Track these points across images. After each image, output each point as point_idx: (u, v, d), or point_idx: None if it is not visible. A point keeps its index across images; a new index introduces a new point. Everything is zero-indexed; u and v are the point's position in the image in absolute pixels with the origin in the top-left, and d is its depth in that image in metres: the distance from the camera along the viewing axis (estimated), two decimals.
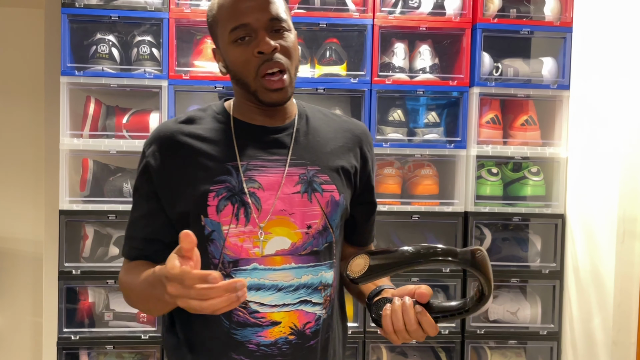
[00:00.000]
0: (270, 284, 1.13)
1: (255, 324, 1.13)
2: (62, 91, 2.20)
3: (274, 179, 1.15)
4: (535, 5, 2.38)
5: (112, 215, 2.19)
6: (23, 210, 3.04)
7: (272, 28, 1.12)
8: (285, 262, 1.14)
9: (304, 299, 1.15)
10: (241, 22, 1.11)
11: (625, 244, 2.02)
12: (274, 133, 1.20)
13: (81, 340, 2.21)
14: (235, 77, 1.17)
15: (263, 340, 1.13)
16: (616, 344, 2.03)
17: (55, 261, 2.28)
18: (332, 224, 1.19)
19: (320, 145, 1.22)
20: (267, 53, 1.10)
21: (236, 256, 1.12)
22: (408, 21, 2.30)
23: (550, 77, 2.36)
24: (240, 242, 1.12)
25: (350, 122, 1.30)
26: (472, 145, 2.29)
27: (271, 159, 1.17)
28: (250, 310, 1.13)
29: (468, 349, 2.32)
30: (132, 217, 1.22)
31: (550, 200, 2.36)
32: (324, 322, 1.18)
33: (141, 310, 1.15)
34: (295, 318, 1.15)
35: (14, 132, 3.06)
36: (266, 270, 1.13)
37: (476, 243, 2.34)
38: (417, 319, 1.04)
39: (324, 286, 1.18)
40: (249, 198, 1.13)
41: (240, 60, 1.13)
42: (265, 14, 1.11)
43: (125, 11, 2.22)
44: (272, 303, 1.13)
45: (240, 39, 1.12)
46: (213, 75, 2.24)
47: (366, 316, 2.28)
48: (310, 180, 1.17)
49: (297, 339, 1.15)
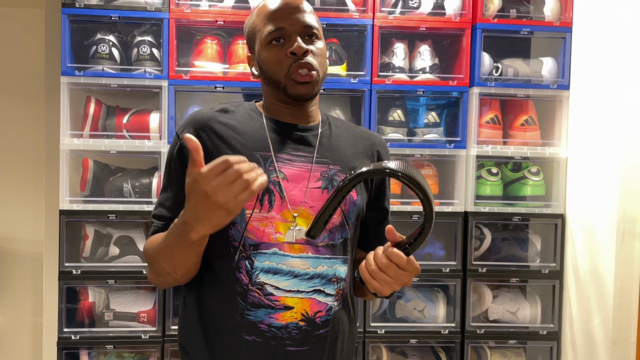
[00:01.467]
0: (287, 270, 1.20)
1: (269, 306, 1.19)
2: (62, 91, 2.20)
3: (298, 173, 1.24)
4: (535, 5, 2.38)
5: (112, 215, 2.19)
6: (23, 210, 3.05)
7: (305, 34, 1.25)
8: (302, 251, 1.21)
9: (317, 288, 1.22)
10: (278, 26, 1.24)
11: (625, 244, 2.02)
12: (301, 131, 1.29)
13: (81, 340, 2.21)
14: (267, 76, 1.27)
15: (275, 322, 1.19)
16: (616, 344, 2.04)
17: (55, 261, 2.28)
18: (349, 221, 1.27)
19: (342, 148, 1.32)
20: (299, 54, 1.22)
21: (258, 240, 1.20)
22: (408, 21, 2.30)
23: (550, 77, 2.36)
24: (262, 227, 1.20)
25: (369, 133, 1.42)
26: (472, 145, 2.29)
27: (297, 154, 1.26)
28: (265, 292, 1.19)
29: (468, 348, 2.32)
30: (162, 197, 1.28)
31: (550, 200, 2.36)
32: (335, 314, 1.24)
33: (167, 270, 1.17)
34: (308, 305, 1.21)
35: (14, 132, 3.06)
36: (285, 256, 1.20)
37: (476, 243, 2.34)
38: (384, 255, 1.09)
39: (337, 279, 1.25)
40: (274, 186, 1.22)
41: (274, 60, 1.24)
42: (299, 22, 1.25)
43: (125, 11, 2.22)
44: (287, 288, 1.20)
45: (276, 40, 1.24)
46: (213, 75, 2.24)
47: (366, 316, 2.29)
48: (331, 178, 1.26)
49: (307, 326, 1.21)
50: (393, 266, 1.08)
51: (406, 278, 1.10)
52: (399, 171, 1.04)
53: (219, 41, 2.33)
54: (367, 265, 1.12)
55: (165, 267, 1.17)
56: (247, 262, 1.19)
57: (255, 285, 1.19)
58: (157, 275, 1.22)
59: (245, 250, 1.19)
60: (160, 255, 1.17)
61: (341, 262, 1.26)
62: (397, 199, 2.30)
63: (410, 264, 1.09)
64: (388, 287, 1.11)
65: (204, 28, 2.33)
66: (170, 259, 1.15)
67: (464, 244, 2.31)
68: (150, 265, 1.24)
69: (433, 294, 2.39)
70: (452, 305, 2.35)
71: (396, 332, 2.31)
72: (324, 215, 1.10)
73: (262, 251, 1.19)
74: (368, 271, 1.11)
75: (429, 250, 2.37)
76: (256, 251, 1.19)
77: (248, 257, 1.19)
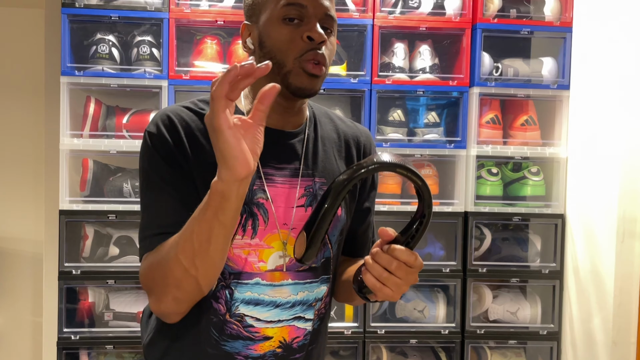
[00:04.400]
0: (269, 300, 1.10)
1: (248, 338, 1.10)
2: (62, 91, 2.20)
3: (282, 190, 1.12)
4: (535, 5, 2.38)
5: (112, 215, 2.19)
6: (23, 210, 3.05)
7: (324, 23, 1.09)
8: (283, 278, 1.11)
9: (298, 315, 1.13)
10: (299, 1, 1.06)
11: (625, 244, 2.02)
12: (287, 138, 1.15)
13: (81, 340, 2.21)
14: (270, 54, 1.08)
15: (253, 353, 1.11)
16: (616, 344, 2.03)
17: (55, 261, 2.28)
18: (332, 239, 1.16)
19: (328, 154, 1.19)
20: (316, 42, 1.06)
21: (239, 269, 1.09)
22: (408, 21, 2.30)
23: (550, 77, 2.36)
24: (244, 255, 1.09)
25: (354, 128, 1.27)
26: (472, 145, 2.29)
27: (282, 167, 1.13)
28: (245, 324, 1.10)
29: (468, 349, 2.32)
30: (151, 213, 1.08)
31: (550, 200, 2.36)
32: (311, 336, 1.16)
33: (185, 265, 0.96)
34: (287, 333, 1.13)
35: (14, 132, 3.06)
36: (267, 286, 1.10)
37: (476, 243, 2.34)
38: (391, 256, 0.97)
39: (317, 301, 1.16)
40: (258, 209, 1.09)
41: (286, 39, 1.06)
42: (323, 7, 1.08)
43: (125, 11, 2.22)
44: (268, 319, 1.11)
45: (290, 19, 1.07)
46: (213, 75, 2.24)
47: (366, 316, 2.28)
48: (315, 193, 1.14)
49: (283, 352, 1.13)
50: (403, 266, 0.97)
51: (413, 276, 0.99)
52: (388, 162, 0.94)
53: (218, 41, 2.33)
54: (371, 271, 0.98)
55: (183, 262, 0.96)
56: (227, 291, 1.09)
57: (234, 317, 1.09)
58: (166, 288, 1.00)
59: (225, 279, 1.08)
60: (176, 250, 0.97)
61: (321, 283, 1.16)
62: (397, 199, 2.30)
63: (418, 260, 0.98)
64: (399, 291, 0.98)
65: (204, 28, 2.33)
66: (190, 244, 0.95)
67: (464, 244, 2.31)
68: (154, 282, 1.02)
69: (433, 294, 2.39)
70: (452, 306, 2.35)
71: (396, 332, 2.30)
72: (315, 238, 0.97)
73: (243, 281, 1.08)
74: (377, 278, 0.97)
75: (429, 250, 2.37)
76: (237, 280, 1.08)
77: (228, 286, 1.08)
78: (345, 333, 2.28)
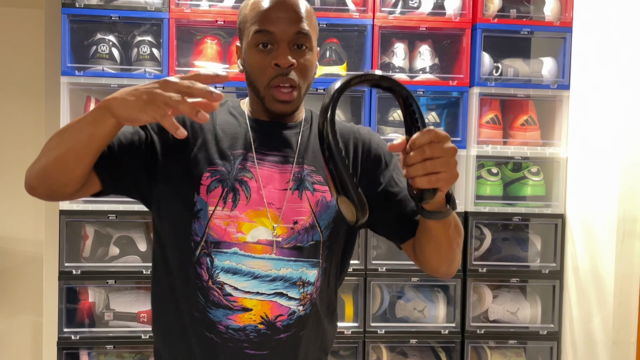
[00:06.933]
0: (247, 270, 1.16)
1: (227, 307, 1.16)
2: (62, 91, 2.20)
3: (268, 173, 1.19)
4: (535, 5, 2.38)
5: (112, 215, 2.19)
6: (23, 210, 3.04)
7: (295, 43, 1.16)
8: (265, 252, 1.17)
9: (279, 291, 1.17)
10: (267, 29, 1.15)
11: (625, 244, 2.02)
12: (282, 129, 1.23)
13: (81, 340, 2.21)
14: (249, 78, 1.21)
15: (232, 324, 1.16)
16: (616, 344, 2.04)
17: (55, 261, 2.28)
18: (321, 223, 1.20)
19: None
20: (284, 67, 1.14)
21: (219, 238, 1.16)
22: (408, 21, 2.30)
23: (550, 77, 2.36)
24: (224, 225, 1.16)
25: (353, 127, 1.31)
26: (472, 145, 2.29)
27: (274, 154, 1.21)
28: (225, 292, 1.16)
29: (468, 349, 2.32)
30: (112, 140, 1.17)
31: (550, 200, 2.36)
32: (298, 319, 1.19)
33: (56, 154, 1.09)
34: (268, 308, 1.17)
35: (14, 132, 3.06)
36: (245, 257, 1.16)
37: (476, 243, 2.35)
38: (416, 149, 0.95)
39: (303, 282, 1.19)
40: (240, 185, 1.17)
41: (257, 66, 1.17)
42: (291, 28, 1.15)
43: (125, 11, 2.22)
44: (245, 289, 1.16)
45: (263, 45, 1.16)
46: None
47: (366, 316, 2.29)
48: (303, 179, 1.20)
49: (266, 329, 1.17)
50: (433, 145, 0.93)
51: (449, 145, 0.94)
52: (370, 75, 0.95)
53: (219, 41, 2.33)
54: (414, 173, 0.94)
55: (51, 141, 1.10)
56: (208, 259, 1.17)
57: (215, 284, 1.16)
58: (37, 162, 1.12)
59: (207, 247, 1.16)
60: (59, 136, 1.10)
61: (310, 266, 1.19)
62: None
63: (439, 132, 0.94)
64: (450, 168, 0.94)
65: (204, 28, 2.33)
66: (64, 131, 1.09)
67: (464, 244, 2.31)
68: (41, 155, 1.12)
69: (433, 294, 2.39)
70: (452, 305, 2.35)
71: (396, 332, 2.31)
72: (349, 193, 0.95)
73: (222, 250, 1.16)
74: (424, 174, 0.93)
75: None
76: (217, 249, 1.16)
77: (209, 254, 1.16)
78: (345, 333, 2.28)
